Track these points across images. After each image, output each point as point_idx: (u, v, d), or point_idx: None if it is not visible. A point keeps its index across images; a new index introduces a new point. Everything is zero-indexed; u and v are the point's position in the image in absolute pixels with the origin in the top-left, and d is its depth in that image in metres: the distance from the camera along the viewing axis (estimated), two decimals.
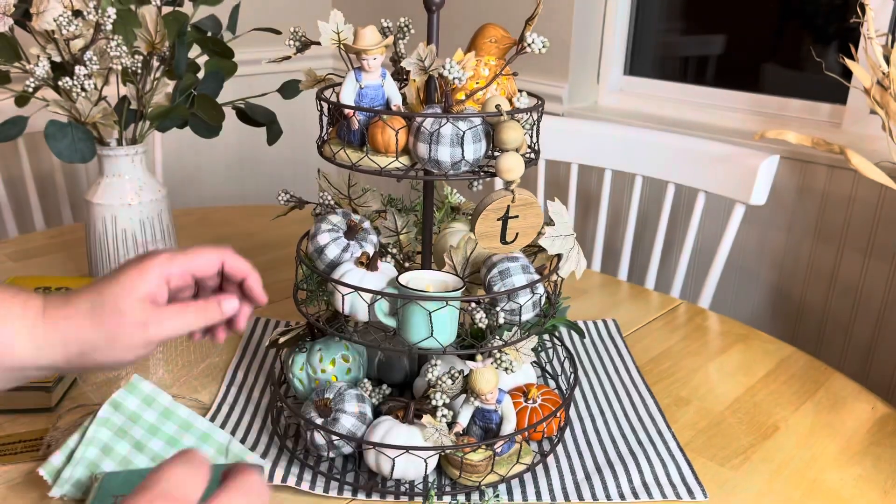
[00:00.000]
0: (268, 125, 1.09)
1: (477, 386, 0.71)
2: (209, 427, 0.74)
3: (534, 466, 0.76)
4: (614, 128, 1.51)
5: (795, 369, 0.98)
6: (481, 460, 0.71)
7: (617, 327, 1.08)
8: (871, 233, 1.60)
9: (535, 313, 0.75)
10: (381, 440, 0.70)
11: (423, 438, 0.70)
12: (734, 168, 1.32)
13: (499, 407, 0.74)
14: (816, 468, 0.79)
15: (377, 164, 0.70)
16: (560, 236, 0.77)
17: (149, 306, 0.58)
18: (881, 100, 1.14)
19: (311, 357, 0.80)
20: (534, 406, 0.79)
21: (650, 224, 1.93)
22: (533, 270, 0.74)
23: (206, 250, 0.63)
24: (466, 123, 0.67)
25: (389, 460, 0.70)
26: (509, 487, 0.74)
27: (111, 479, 0.68)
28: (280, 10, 2.39)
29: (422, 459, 0.70)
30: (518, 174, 0.68)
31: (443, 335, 0.70)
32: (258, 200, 2.52)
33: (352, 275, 0.72)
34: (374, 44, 0.70)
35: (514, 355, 0.74)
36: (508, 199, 0.69)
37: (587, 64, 2.04)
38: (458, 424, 0.72)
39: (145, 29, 1.00)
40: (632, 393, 0.92)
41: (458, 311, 0.71)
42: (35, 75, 0.94)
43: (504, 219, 0.70)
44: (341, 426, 0.72)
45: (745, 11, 1.91)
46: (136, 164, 1.06)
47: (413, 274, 0.73)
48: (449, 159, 0.68)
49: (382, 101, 0.72)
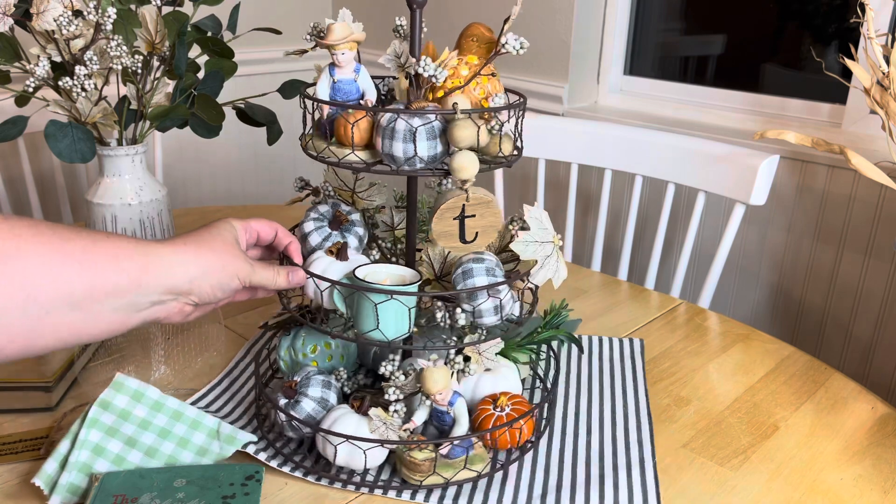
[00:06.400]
0: (268, 125, 1.09)
1: (425, 385, 0.70)
2: (198, 414, 0.74)
3: (483, 476, 0.73)
4: (614, 128, 1.51)
5: (795, 369, 0.98)
6: (423, 460, 0.71)
7: (641, 348, 1.02)
8: (871, 233, 1.60)
9: (497, 318, 0.73)
10: (329, 426, 0.71)
11: (369, 430, 0.71)
12: (734, 168, 1.32)
13: (451, 409, 0.73)
14: (816, 468, 0.79)
15: (336, 156, 0.72)
16: (535, 242, 0.74)
17: (242, 249, 0.72)
18: (881, 100, 1.14)
19: (295, 341, 0.83)
20: (500, 414, 0.76)
21: (650, 224, 1.93)
22: (499, 274, 0.72)
23: (265, 220, 0.77)
24: (421, 120, 0.67)
25: (333, 447, 0.71)
26: (459, 493, 0.72)
27: (111, 480, 0.68)
28: (280, 10, 2.39)
29: (364, 450, 0.71)
30: (471, 173, 0.67)
31: (388, 328, 0.70)
32: (258, 200, 2.52)
33: (319, 262, 0.74)
34: (340, 38, 0.70)
35: (475, 358, 0.74)
36: (462, 199, 0.69)
37: (587, 64, 2.04)
38: (412, 422, 0.72)
39: (145, 29, 1.00)
40: (629, 416, 0.86)
41: (407, 307, 0.70)
42: (35, 75, 0.94)
43: (461, 218, 0.70)
44: (301, 409, 0.74)
45: (745, 11, 1.91)
46: (136, 164, 1.06)
47: (375, 267, 0.74)
48: (402, 154, 0.68)
49: (356, 95, 0.73)
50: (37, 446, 0.76)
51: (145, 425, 0.72)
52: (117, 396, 0.72)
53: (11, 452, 0.76)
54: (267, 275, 0.72)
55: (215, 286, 0.68)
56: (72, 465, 0.69)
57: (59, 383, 0.83)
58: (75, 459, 0.69)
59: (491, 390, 0.80)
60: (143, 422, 0.72)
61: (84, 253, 0.60)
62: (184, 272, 0.66)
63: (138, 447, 0.72)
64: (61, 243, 0.59)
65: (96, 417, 0.70)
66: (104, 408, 0.71)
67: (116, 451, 0.71)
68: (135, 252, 0.64)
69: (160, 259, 0.65)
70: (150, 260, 0.64)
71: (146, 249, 0.64)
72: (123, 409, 0.72)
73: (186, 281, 0.66)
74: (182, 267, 0.66)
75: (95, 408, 0.71)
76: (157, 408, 0.73)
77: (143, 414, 0.72)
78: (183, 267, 0.66)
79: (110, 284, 0.61)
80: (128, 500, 0.66)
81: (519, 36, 0.68)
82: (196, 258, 0.67)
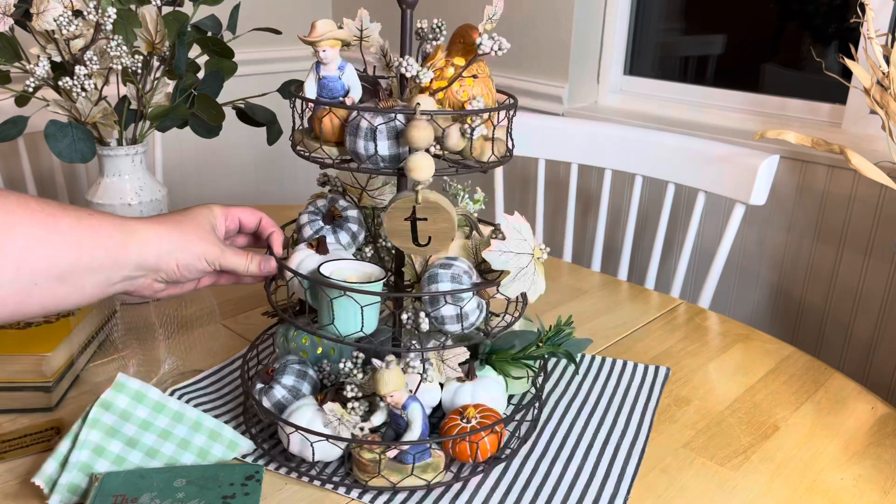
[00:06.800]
0: (268, 125, 1.10)
1: (375, 385, 0.70)
2: (199, 415, 0.74)
3: (435, 486, 0.72)
4: (614, 128, 1.51)
5: (795, 369, 0.98)
6: (369, 460, 0.70)
7: (665, 377, 0.94)
8: (871, 233, 1.60)
9: (458, 326, 0.72)
10: (288, 416, 0.73)
11: (322, 424, 0.71)
12: (734, 168, 1.32)
13: (405, 413, 0.71)
14: (816, 468, 0.79)
15: (308, 150, 0.73)
16: (510, 252, 0.72)
17: (218, 234, 0.75)
18: (881, 100, 1.14)
19: (289, 330, 0.84)
20: (464, 425, 0.73)
21: (650, 224, 1.93)
22: (466, 282, 0.71)
23: (249, 208, 0.80)
24: (382, 119, 0.67)
25: (286, 436, 0.73)
26: (407, 499, 0.71)
27: (111, 480, 0.68)
28: (280, 10, 2.39)
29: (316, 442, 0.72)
30: (425, 175, 0.66)
31: (343, 325, 0.71)
32: (258, 200, 2.52)
33: (297, 254, 0.75)
34: (320, 35, 0.70)
35: (437, 365, 0.73)
36: (412, 200, 0.67)
37: (587, 64, 2.04)
38: (370, 421, 0.72)
39: (145, 29, 1.00)
40: (621, 446, 0.80)
41: (359, 304, 0.70)
42: (35, 75, 0.94)
43: (412, 220, 0.69)
44: (272, 395, 0.76)
45: (745, 11, 1.91)
46: (136, 164, 1.06)
47: (345, 263, 0.74)
48: (364, 152, 0.68)
49: (341, 92, 0.73)
50: (46, 437, 0.77)
51: (146, 426, 0.72)
52: (118, 397, 0.72)
53: (21, 447, 0.76)
54: (238, 260, 0.75)
55: (181, 265, 0.71)
56: (72, 464, 0.69)
57: (59, 383, 0.83)
58: (76, 459, 0.69)
59: (469, 401, 0.78)
60: (143, 422, 0.72)
61: (70, 230, 0.65)
62: (153, 249, 0.70)
63: (139, 448, 0.72)
64: (49, 220, 0.64)
65: (97, 418, 0.70)
66: (105, 408, 0.71)
67: (117, 451, 0.71)
68: (114, 230, 0.68)
69: (136, 236, 0.69)
70: (128, 237, 0.68)
71: (124, 227, 0.69)
72: (124, 409, 0.71)
73: (155, 257, 0.70)
74: (153, 244, 0.70)
75: (96, 408, 0.71)
76: (158, 409, 0.73)
77: (144, 415, 0.72)
78: (154, 244, 0.70)
79: (93, 260, 0.66)
80: (128, 500, 0.66)
81: (498, 37, 0.67)
82: (167, 235, 0.71)
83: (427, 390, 0.78)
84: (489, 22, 0.69)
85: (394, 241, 0.70)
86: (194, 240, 0.72)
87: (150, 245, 0.69)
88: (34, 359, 0.81)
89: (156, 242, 0.70)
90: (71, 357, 0.86)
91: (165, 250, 0.70)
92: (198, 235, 0.73)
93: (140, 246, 0.69)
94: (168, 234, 0.71)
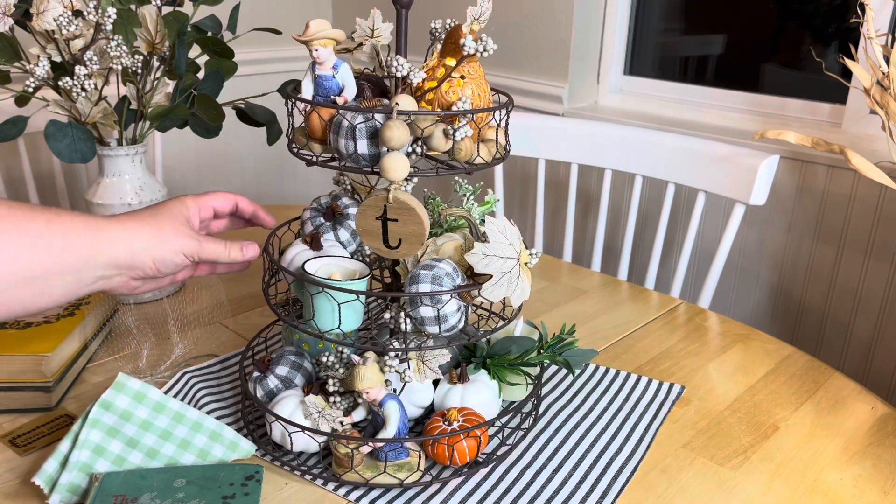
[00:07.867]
0: (268, 125, 1.10)
1: (352, 380, 0.70)
2: (199, 416, 0.74)
3: (410, 486, 0.72)
4: (614, 128, 1.51)
5: (795, 369, 0.98)
6: (344, 455, 0.71)
7: (677, 395, 0.90)
8: (871, 233, 1.60)
9: (436, 328, 0.71)
10: (273, 405, 0.74)
11: (303, 416, 0.72)
12: (734, 168, 1.32)
13: (381, 410, 0.71)
14: (816, 468, 0.79)
15: (297, 147, 0.74)
16: (494, 256, 0.70)
17: (192, 227, 0.74)
18: (881, 100, 1.14)
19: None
20: (445, 427, 0.73)
21: (650, 224, 1.93)
22: (447, 284, 0.70)
23: (222, 192, 0.80)
24: (362, 118, 0.67)
25: (269, 424, 0.74)
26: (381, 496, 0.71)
27: (111, 480, 0.68)
28: (280, 10, 2.39)
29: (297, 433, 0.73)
30: (398, 175, 0.65)
31: (323, 321, 0.71)
32: (258, 200, 2.52)
33: (291, 249, 0.76)
34: (312, 34, 0.70)
35: (417, 366, 0.73)
36: (383, 200, 0.67)
37: (587, 64, 2.04)
38: (350, 417, 0.73)
39: (145, 29, 1.00)
40: (614, 462, 0.77)
41: (336, 302, 0.70)
42: (35, 75, 0.94)
43: (383, 220, 0.68)
44: (265, 384, 0.77)
45: (745, 11, 1.91)
46: (136, 164, 1.06)
47: (331, 260, 0.74)
48: (344, 150, 0.69)
49: (336, 91, 0.73)
50: (62, 424, 0.79)
51: (146, 426, 0.72)
52: (119, 397, 0.72)
53: (41, 436, 0.77)
54: (217, 249, 0.74)
55: (157, 261, 0.70)
56: (72, 464, 0.69)
57: (59, 383, 0.83)
58: (76, 459, 0.69)
59: (458, 403, 0.77)
60: (144, 423, 0.72)
61: (39, 235, 0.64)
62: (125, 247, 0.68)
63: (139, 448, 0.72)
64: (18, 224, 0.63)
65: (97, 418, 0.70)
66: (105, 408, 0.71)
67: (117, 451, 0.71)
68: (85, 231, 0.67)
69: (108, 235, 0.68)
70: (99, 237, 0.67)
71: (96, 226, 0.67)
72: (125, 409, 0.72)
73: (129, 255, 0.68)
74: (126, 242, 0.68)
75: (97, 408, 0.71)
76: (158, 409, 0.73)
77: (145, 415, 0.72)
78: (127, 242, 0.68)
79: (62, 263, 0.65)
80: (128, 500, 0.66)
81: (486, 37, 0.67)
82: (139, 233, 0.69)
83: (418, 390, 0.78)
84: (475, 23, 0.69)
85: (364, 241, 0.70)
86: (169, 235, 0.71)
87: (122, 243, 0.68)
88: (34, 359, 0.81)
89: (128, 241, 0.68)
90: (71, 357, 0.86)
91: (139, 248, 0.69)
92: (173, 230, 0.71)
93: (111, 245, 0.67)
94: (140, 231, 0.69)
